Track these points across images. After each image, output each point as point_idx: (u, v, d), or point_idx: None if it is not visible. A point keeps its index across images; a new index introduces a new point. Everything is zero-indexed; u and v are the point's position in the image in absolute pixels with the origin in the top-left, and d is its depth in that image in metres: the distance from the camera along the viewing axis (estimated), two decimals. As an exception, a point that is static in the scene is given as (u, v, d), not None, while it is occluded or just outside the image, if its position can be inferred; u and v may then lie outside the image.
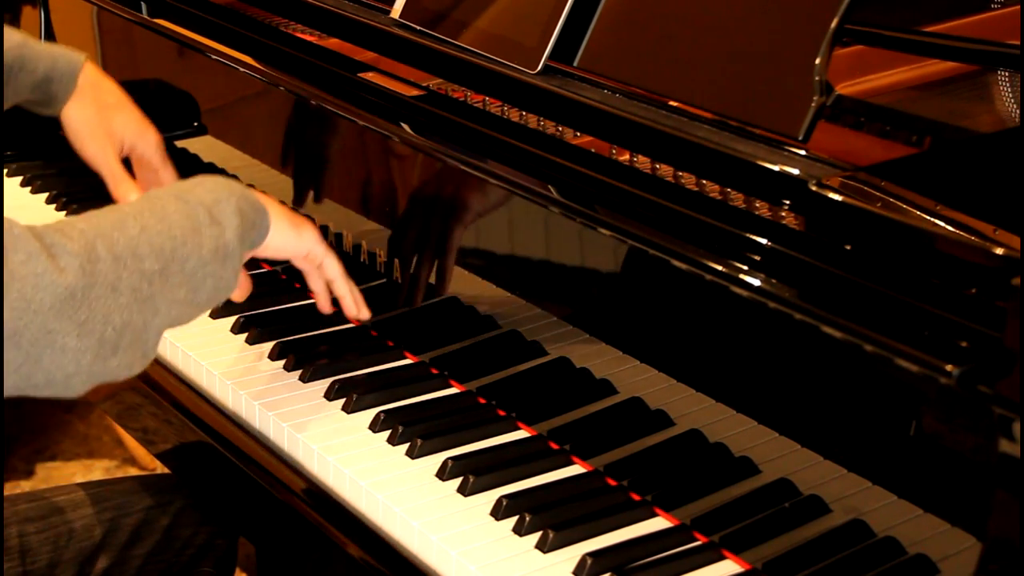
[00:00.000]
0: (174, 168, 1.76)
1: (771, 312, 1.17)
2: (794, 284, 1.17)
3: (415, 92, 1.59)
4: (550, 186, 1.39)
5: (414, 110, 1.57)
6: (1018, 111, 1.30)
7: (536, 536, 1.24)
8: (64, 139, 1.72)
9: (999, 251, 1.06)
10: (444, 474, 1.34)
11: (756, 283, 1.19)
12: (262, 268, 1.75)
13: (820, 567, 1.18)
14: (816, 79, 1.28)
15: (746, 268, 1.20)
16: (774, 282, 1.18)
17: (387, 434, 1.40)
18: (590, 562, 1.20)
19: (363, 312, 1.51)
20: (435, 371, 1.52)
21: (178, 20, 1.94)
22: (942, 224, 1.12)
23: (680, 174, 1.32)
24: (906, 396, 1.09)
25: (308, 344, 1.57)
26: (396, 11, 1.68)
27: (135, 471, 2.95)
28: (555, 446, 1.39)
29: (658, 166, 1.34)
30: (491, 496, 1.30)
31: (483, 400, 1.48)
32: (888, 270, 1.14)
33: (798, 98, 1.28)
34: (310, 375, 1.51)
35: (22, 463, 2.98)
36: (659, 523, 1.28)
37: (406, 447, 1.38)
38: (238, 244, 1.28)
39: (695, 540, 1.26)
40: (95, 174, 2.09)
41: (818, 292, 1.16)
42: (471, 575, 1.21)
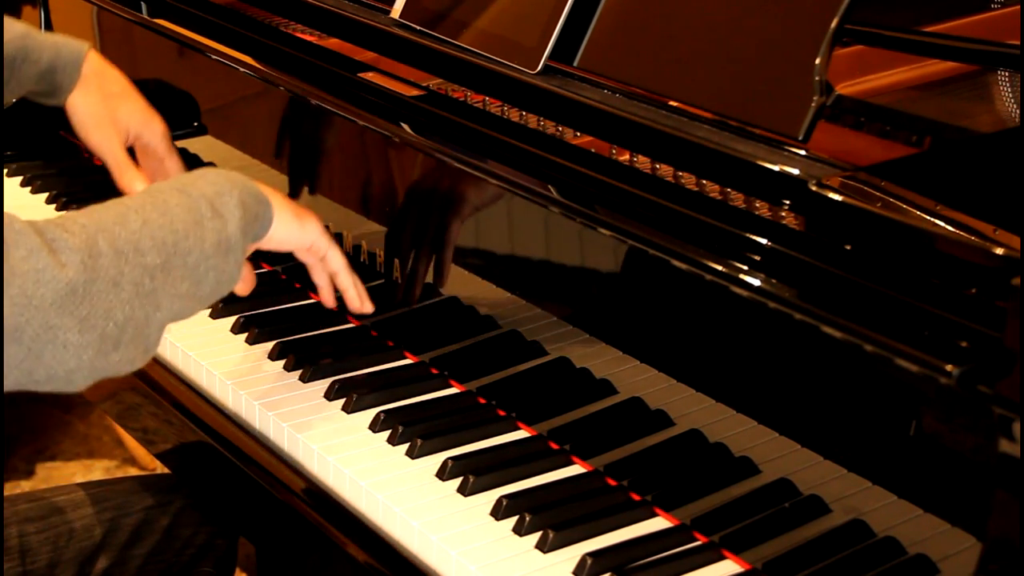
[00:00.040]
0: (180, 157, 1.76)
1: (771, 312, 1.17)
2: (794, 284, 1.17)
3: (415, 92, 1.59)
4: (550, 186, 1.39)
5: (414, 110, 1.57)
6: (1018, 111, 1.30)
7: (536, 536, 1.24)
8: (64, 139, 1.73)
9: (999, 251, 1.06)
10: (444, 474, 1.34)
11: (756, 283, 1.19)
12: (262, 268, 1.75)
13: (820, 567, 1.18)
14: (816, 79, 1.28)
15: (746, 268, 1.20)
16: (774, 282, 1.18)
17: (387, 434, 1.40)
18: (590, 562, 1.20)
19: (366, 305, 1.50)
20: (435, 371, 1.52)
21: (178, 20, 1.94)
22: (942, 224, 1.12)
23: (680, 174, 1.32)
24: (906, 396, 1.09)
25: (308, 344, 1.57)
26: (396, 11, 1.68)
27: (135, 471, 2.95)
28: (555, 446, 1.39)
29: (658, 166, 1.34)
30: (491, 496, 1.30)
31: (483, 400, 1.48)
32: (888, 270, 1.14)
33: (798, 98, 1.28)
34: (310, 375, 1.51)
35: (22, 463, 2.98)
36: (659, 523, 1.28)
37: (406, 447, 1.38)
38: (241, 237, 1.27)
39: (695, 540, 1.26)
40: (95, 174, 2.10)
41: (818, 292, 1.16)
42: (471, 575, 1.21)
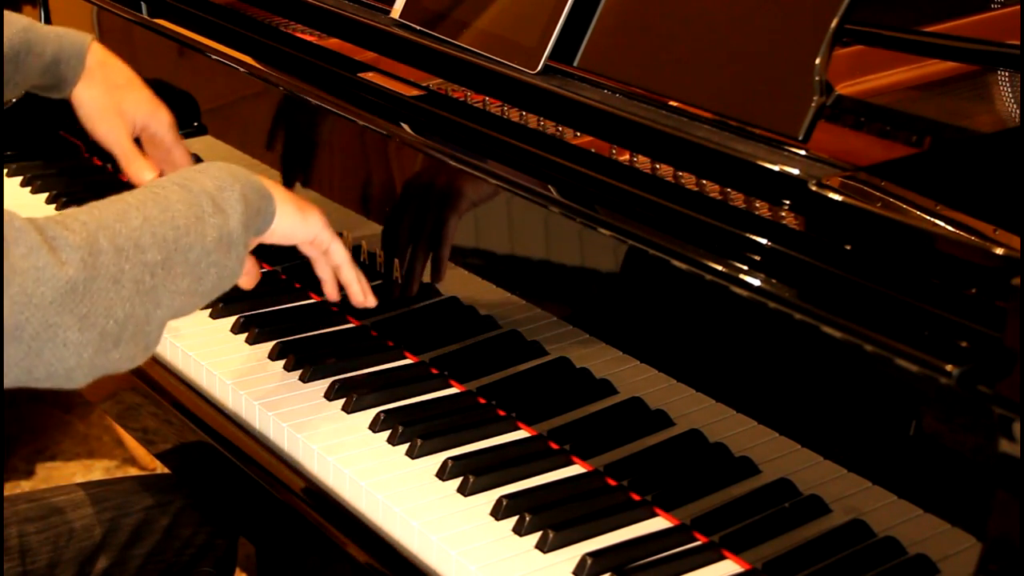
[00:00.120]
0: (186, 147, 1.75)
1: (771, 312, 1.17)
2: (794, 284, 1.17)
3: (415, 92, 1.59)
4: (550, 186, 1.39)
5: (414, 110, 1.57)
6: (1018, 111, 1.30)
7: (536, 536, 1.24)
8: (64, 139, 1.72)
9: (999, 251, 1.06)
10: (444, 474, 1.34)
11: (756, 283, 1.19)
12: (262, 268, 1.74)
13: (820, 567, 1.18)
14: (816, 79, 1.28)
15: (746, 268, 1.20)
16: (774, 282, 1.18)
17: (387, 434, 1.40)
18: (590, 562, 1.20)
19: (369, 299, 1.49)
20: (435, 371, 1.52)
21: (178, 20, 1.94)
22: (942, 224, 1.12)
23: (680, 174, 1.32)
24: (906, 396, 1.09)
25: (308, 344, 1.57)
26: (396, 11, 1.68)
27: (135, 471, 2.95)
28: (555, 446, 1.39)
29: (658, 166, 1.34)
30: (491, 496, 1.30)
31: (483, 400, 1.47)
32: (888, 270, 1.14)
33: (798, 98, 1.28)
34: (310, 375, 1.50)
35: (22, 463, 2.98)
36: (659, 523, 1.28)
37: (406, 447, 1.38)
38: (243, 232, 1.26)
39: (695, 540, 1.26)
40: (95, 174, 2.10)
41: (818, 292, 1.16)
42: (471, 575, 1.21)
